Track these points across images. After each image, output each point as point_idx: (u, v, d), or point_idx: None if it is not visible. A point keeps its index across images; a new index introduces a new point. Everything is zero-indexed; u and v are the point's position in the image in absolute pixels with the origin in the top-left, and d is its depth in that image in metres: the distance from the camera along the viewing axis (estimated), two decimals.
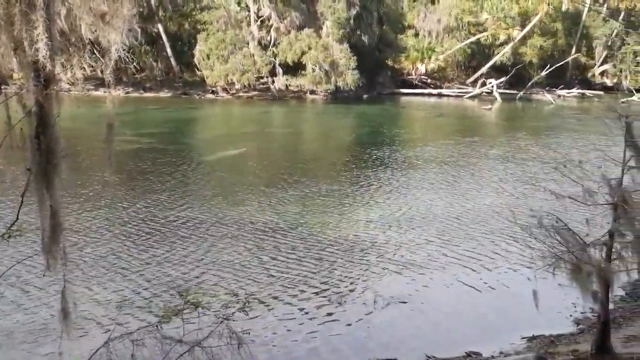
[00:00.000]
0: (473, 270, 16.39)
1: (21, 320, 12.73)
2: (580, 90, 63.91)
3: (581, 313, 13.94)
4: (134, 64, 46.93)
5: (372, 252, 17.53)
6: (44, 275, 13.10)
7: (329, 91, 55.24)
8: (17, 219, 7.90)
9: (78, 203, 20.58)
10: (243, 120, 47.43)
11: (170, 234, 18.38)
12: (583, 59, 68.09)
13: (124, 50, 6.66)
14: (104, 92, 39.61)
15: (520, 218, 16.54)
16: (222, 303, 12.98)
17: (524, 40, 63.84)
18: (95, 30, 6.51)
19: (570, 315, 13.93)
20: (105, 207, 20.68)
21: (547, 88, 63.30)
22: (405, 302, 14.29)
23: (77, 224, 18.51)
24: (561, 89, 63.62)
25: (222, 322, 8.66)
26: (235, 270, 15.78)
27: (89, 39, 6.61)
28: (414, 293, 14.92)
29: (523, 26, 63.44)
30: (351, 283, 15.36)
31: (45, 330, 12.26)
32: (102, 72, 7.15)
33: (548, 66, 62.52)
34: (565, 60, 65.22)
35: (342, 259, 16.95)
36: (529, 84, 62.14)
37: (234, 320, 8.90)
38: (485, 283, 15.62)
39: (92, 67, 7.40)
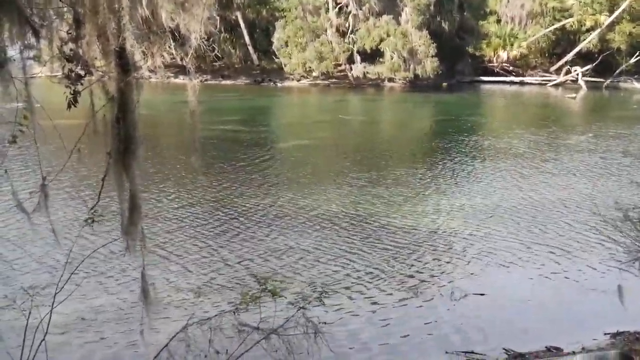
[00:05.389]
0: (553, 262, 15.95)
1: (100, 303, 13.07)
2: None
3: None
4: (213, 51, 47.62)
5: (449, 242, 17.27)
6: (123, 256, 13.42)
7: (407, 79, 54.48)
8: (99, 200, 8.04)
9: (154, 188, 21.01)
10: (320, 108, 47.50)
11: (246, 221, 18.55)
12: None
13: (203, 38, 6.68)
14: (183, 79, 40.35)
15: (604, 211, 15.98)
16: (298, 291, 13.03)
17: (612, 26, 61.46)
18: (176, 19, 6.56)
19: None
20: (182, 193, 21.05)
21: (635, 76, 60.91)
22: (483, 294, 14.00)
23: (154, 209, 18.91)
24: None
25: (298, 310, 8.68)
26: (310, 258, 15.81)
27: (170, 27, 6.66)
28: (492, 285, 14.62)
29: (611, 11, 61.08)
30: (428, 274, 15.17)
31: (124, 312, 12.57)
32: (182, 59, 7.22)
33: (637, 53, 60.08)
34: None
35: (418, 249, 16.76)
36: (617, 71, 59.81)
37: (310, 309, 8.90)
38: (566, 276, 15.17)
39: (172, 55, 7.48)
